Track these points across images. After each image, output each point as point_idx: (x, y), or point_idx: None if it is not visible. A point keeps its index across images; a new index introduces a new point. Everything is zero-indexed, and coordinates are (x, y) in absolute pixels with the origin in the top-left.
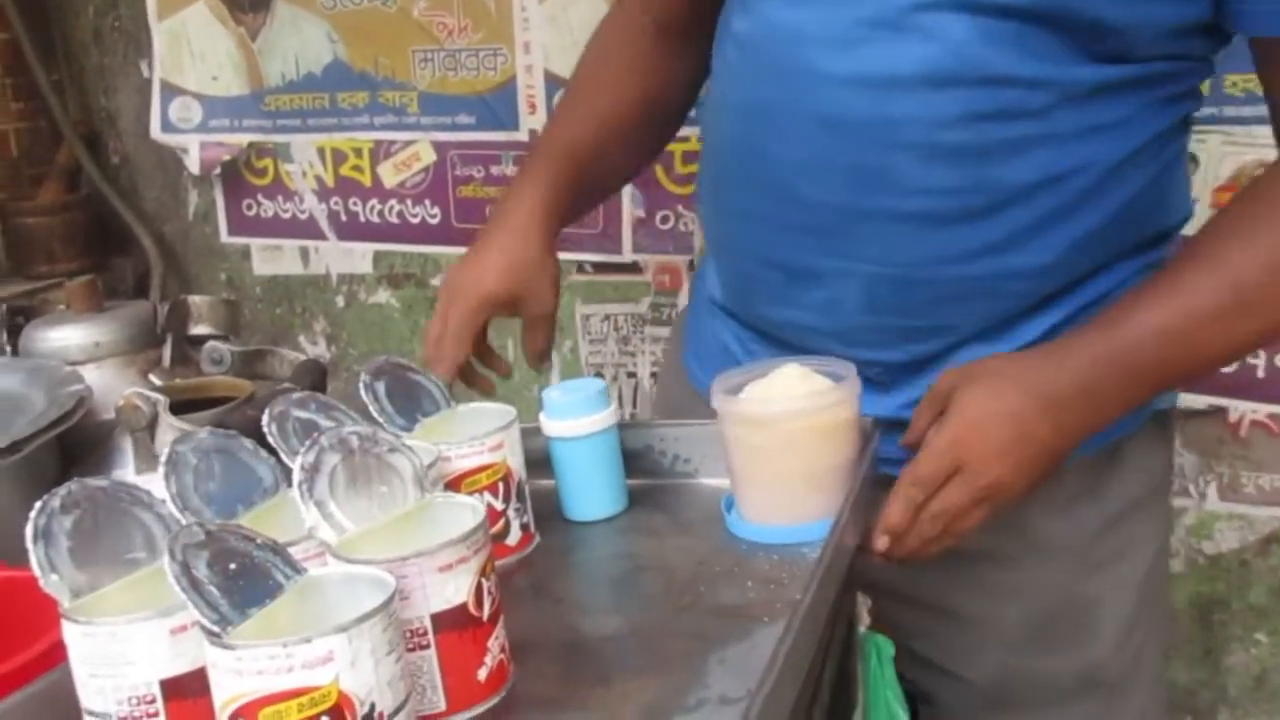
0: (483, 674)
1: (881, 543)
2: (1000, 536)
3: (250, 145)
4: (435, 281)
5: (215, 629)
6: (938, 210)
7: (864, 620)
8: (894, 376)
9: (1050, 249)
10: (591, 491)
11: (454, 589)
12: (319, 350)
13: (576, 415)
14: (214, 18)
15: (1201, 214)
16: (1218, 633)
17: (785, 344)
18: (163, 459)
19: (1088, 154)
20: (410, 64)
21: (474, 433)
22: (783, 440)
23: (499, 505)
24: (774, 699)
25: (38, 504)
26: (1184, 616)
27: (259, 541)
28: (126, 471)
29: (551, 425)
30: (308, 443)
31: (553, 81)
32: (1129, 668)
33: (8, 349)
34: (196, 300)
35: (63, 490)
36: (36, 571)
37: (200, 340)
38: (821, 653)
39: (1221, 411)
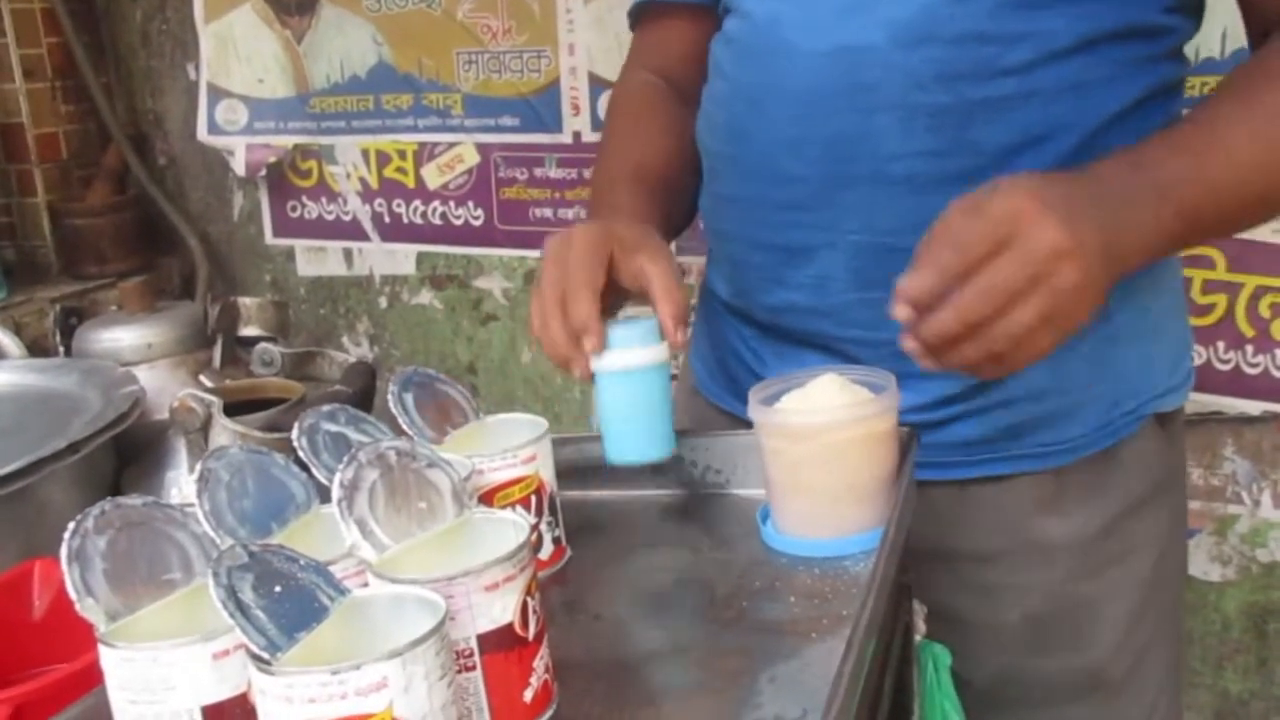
0: (528, 695)
1: (901, 313)
2: (1001, 538)
3: (295, 147)
4: (478, 283)
5: (264, 655)
6: (918, 174)
7: (920, 629)
8: (885, 361)
9: None
10: (636, 432)
11: (500, 608)
12: (362, 351)
13: (623, 347)
14: (260, 21)
15: None
16: (1272, 642)
17: (785, 335)
18: (194, 476)
19: (1069, 115)
20: (454, 66)
21: (504, 445)
22: (825, 452)
23: (531, 519)
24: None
25: (71, 525)
26: (1237, 626)
27: (302, 562)
28: (180, 472)
29: (596, 360)
30: (346, 458)
31: (597, 84)
32: (1131, 669)
33: (61, 349)
34: (246, 302)
35: (95, 510)
36: (72, 595)
37: (249, 341)
38: (880, 665)
39: (1277, 418)
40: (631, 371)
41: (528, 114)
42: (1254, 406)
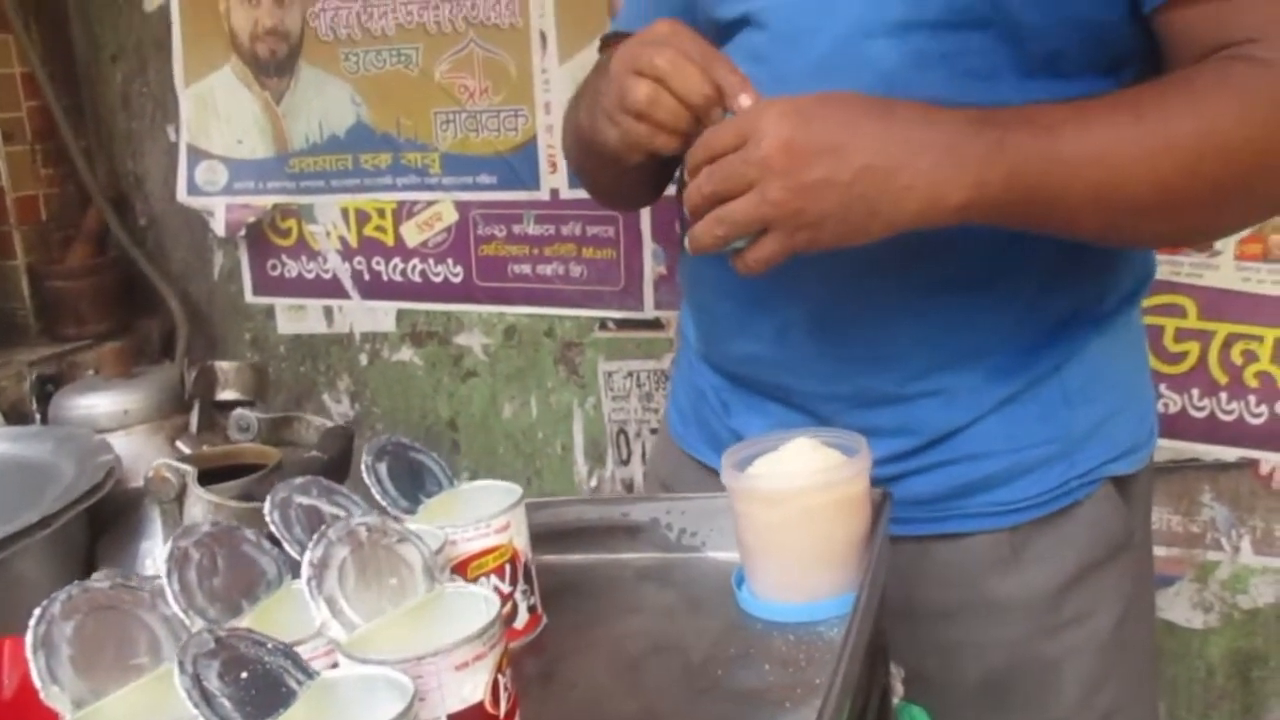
0: None
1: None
2: (958, 596)
3: (275, 206)
4: (458, 339)
5: None
6: None
7: (898, 691)
8: (843, 414)
9: (985, 273)
10: None
11: (470, 687)
12: (343, 408)
13: None
14: (239, 82)
15: (1226, 264)
16: (1257, 689)
17: (750, 385)
18: (163, 556)
19: None
20: (432, 125)
21: (479, 513)
22: (798, 517)
23: (506, 588)
24: None
25: (37, 611)
26: (1220, 672)
27: (270, 646)
28: (155, 542)
29: None
30: (315, 536)
31: None
32: None
33: (37, 416)
34: (223, 366)
35: (62, 595)
36: (37, 683)
37: (227, 406)
38: None
39: (1253, 464)
40: None
41: (505, 172)
42: (1229, 453)
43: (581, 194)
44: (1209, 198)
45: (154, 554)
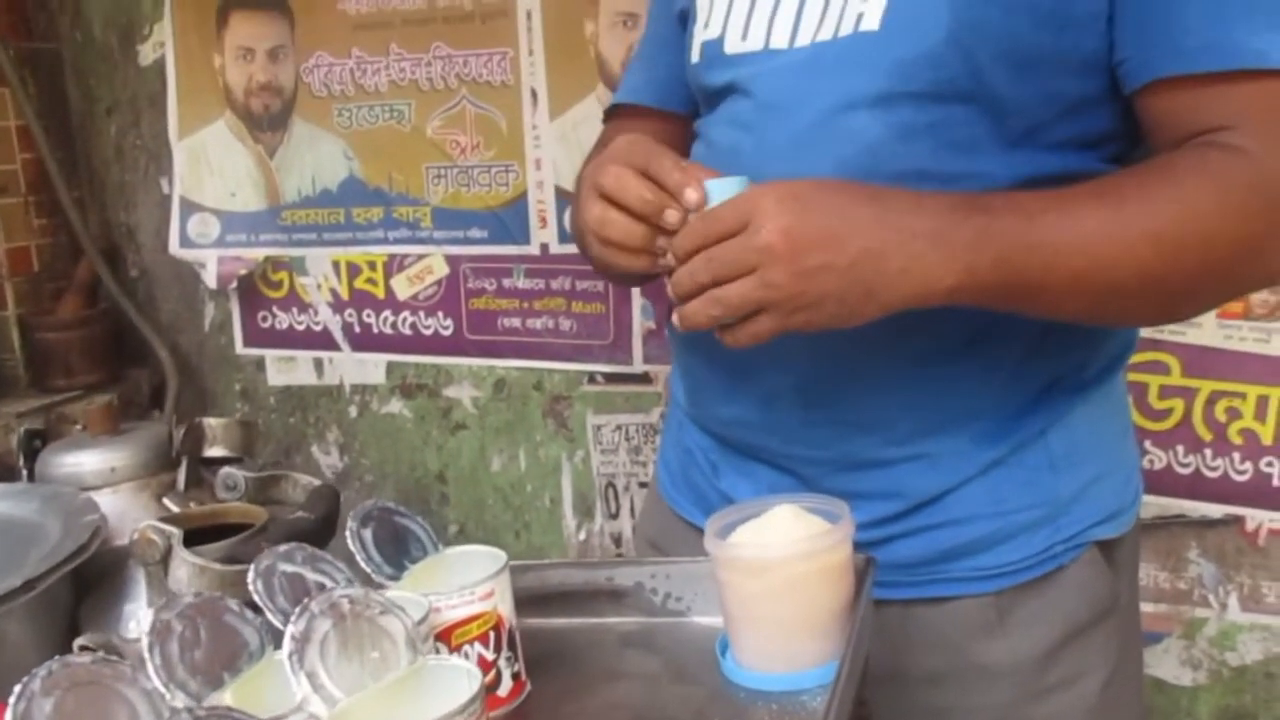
0: None
1: (669, 260)
2: (946, 660)
3: (266, 259)
4: (447, 392)
5: None
6: None
7: None
8: (828, 478)
9: (970, 343)
10: None
11: None
12: (332, 460)
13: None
14: (233, 136)
15: (1208, 322)
16: None
17: (737, 448)
18: (145, 629)
19: None
20: (423, 180)
21: (464, 580)
22: (780, 586)
23: (490, 655)
24: None
25: (16, 689)
26: None
27: None
28: (139, 604)
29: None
30: (298, 610)
31: (563, 197)
32: None
33: (25, 473)
34: (211, 422)
35: (42, 671)
36: None
37: (215, 462)
38: None
39: (1239, 520)
40: None
41: (496, 226)
42: (1215, 509)
43: (571, 249)
44: (1190, 282)
45: (138, 616)
